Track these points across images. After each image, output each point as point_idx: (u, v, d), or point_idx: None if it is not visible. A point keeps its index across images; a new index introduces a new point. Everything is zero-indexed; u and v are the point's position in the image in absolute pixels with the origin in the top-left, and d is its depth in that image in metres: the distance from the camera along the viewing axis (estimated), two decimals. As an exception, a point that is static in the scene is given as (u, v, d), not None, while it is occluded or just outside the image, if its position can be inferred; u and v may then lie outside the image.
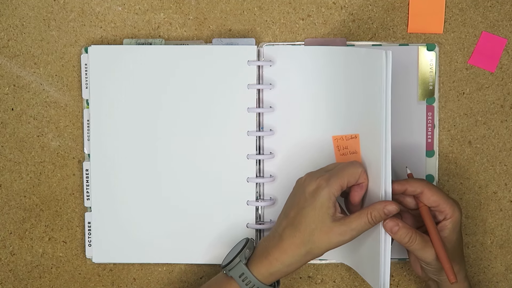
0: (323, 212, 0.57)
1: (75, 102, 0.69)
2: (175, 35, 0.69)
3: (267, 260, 0.58)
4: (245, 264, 0.59)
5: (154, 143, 0.67)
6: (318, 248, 0.57)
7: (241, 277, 0.58)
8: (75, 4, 0.69)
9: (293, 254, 0.57)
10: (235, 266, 0.59)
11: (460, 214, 0.59)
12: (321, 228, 0.56)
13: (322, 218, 0.56)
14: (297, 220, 0.58)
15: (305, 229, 0.57)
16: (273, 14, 0.69)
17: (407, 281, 0.70)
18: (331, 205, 0.57)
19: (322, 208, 0.57)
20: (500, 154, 0.69)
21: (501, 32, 0.69)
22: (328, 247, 0.57)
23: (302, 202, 0.58)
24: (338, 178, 0.57)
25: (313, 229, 0.57)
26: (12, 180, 0.69)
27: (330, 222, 0.56)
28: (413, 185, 0.59)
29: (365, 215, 0.56)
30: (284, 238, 0.58)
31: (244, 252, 0.60)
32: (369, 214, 0.56)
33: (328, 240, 0.56)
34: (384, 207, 0.56)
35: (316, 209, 0.57)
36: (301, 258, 0.58)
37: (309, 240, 0.57)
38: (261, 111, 0.67)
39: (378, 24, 0.69)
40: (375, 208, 0.56)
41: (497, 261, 0.70)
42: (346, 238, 0.57)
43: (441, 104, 0.69)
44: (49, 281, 0.70)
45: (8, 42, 0.69)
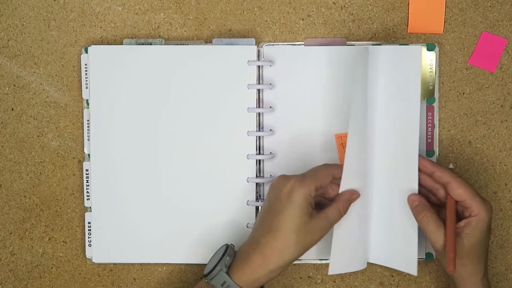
0: (301, 213, 0.57)
1: (75, 102, 0.69)
2: (175, 35, 0.69)
3: (249, 267, 0.58)
4: (226, 273, 0.58)
5: (154, 143, 0.67)
6: (303, 248, 0.58)
7: (223, 285, 0.58)
8: (75, 4, 0.69)
9: (276, 259, 0.57)
10: (216, 275, 0.58)
11: (488, 215, 0.59)
12: (304, 228, 0.57)
13: (303, 218, 0.57)
14: (275, 224, 0.57)
15: (287, 232, 0.57)
16: (273, 14, 0.69)
17: (407, 281, 0.70)
18: (307, 205, 0.57)
19: (300, 208, 0.57)
20: (500, 154, 0.69)
21: (501, 32, 0.69)
22: (312, 245, 0.58)
23: (278, 206, 0.58)
24: (313, 178, 0.58)
25: (296, 230, 0.57)
26: (12, 180, 0.69)
27: (310, 221, 0.57)
28: (442, 171, 0.60)
29: (338, 208, 0.59)
30: (265, 244, 0.57)
31: (225, 260, 0.59)
32: (341, 207, 0.59)
33: (312, 237, 0.58)
34: (351, 197, 0.61)
35: (295, 210, 0.57)
36: (284, 263, 0.57)
37: (293, 241, 0.57)
38: (261, 111, 0.67)
39: (378, 24, 0.69)
40: (344, 199, 0.60)
41: (497, 261, 0.70)
42: (326, 232, 0.59)
43: (441, 104, 0.69)
44: (49, 281, 0.70)
45: (8, 42, 0.69)
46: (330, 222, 0.59)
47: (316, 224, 0.58)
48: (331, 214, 0.59)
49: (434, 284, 0.70)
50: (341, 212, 0.60)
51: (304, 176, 0.59)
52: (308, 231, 0.57)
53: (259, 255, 0.57)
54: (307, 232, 0.57)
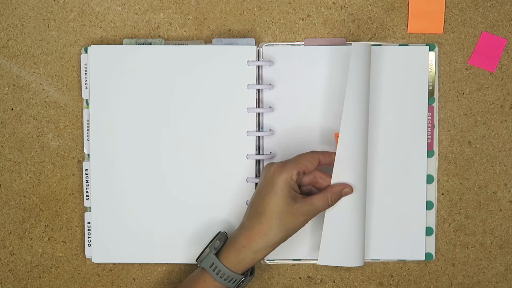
0: (284, 196, 0.59)
1: (75, 102, 0.69)
2: (175, 35, 0.69)
3: (235, 248, 0.60)
4: (214, 254, 0.61)
5: (154, 143, 0.67)
6: (286, 230, 0.60)
7: (212, 267, 0.60)
8: (75, 4, 0.69)
9: (260, 240, 0.60)
10: (205, 257, 0.61)
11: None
12: (287, 210, 0.59)
13: (286, 201, 0.59)
14: (260, 207, 0.60)
15: (270, 215, 0.59)
16: (273, 14, 0.69)
17: (406, 281, 0.70)
18: (290, 189, 0.59)
19: (282, 192, 0.59)
20: (500, 154, 0.69)
21: (501, 32, 0.69)
22: (295, 228, 0.60)
23: (262, 190, 0.61)
24: (295, 163, 0.60)
25: (279, 213, 0.59)
26: (12, 180, 0.69)
27: (293, 204, 0.59)
28: None
29: (326, 197, 0.61)
30: (250, 226, 0.60)
31: (214, 243, 0.62)
32: (330, 197, 0.61)
33: (295, 220, 0.60)
34: (343, 190, 0.62)
35: (277, 194, 0.59)
36: (268, 243, 0.60)
37: (276, 224, 0.59)
38: (261, 111, 0.67)
39: (378, 24, 0.69)
40: (335, 191, 0.61)
41: (496, 261, 0.70)
42: (309, 217, 0.61)
43: (441, 104, 0.69)
44: (49, 281, 0.70)
45: (8, 42, 0.69)
46: (314, 208, 0.60)
47: (299, 208, 0.59)
48: (316, 201, 0.60)
49: (434, 284, 0.70)
50: (329, 202, 0.61)
51: (286, 161, 0.61)
52: (291, 214, 0.59)
53: (244, 237, 0.60)
54: (290, 215, 0.59)
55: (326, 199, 0.61)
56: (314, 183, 0.63)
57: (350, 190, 0.62)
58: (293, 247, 0.68)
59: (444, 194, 0.69)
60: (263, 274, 0.70)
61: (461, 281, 0.70)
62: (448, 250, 0.70)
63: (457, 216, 0.69)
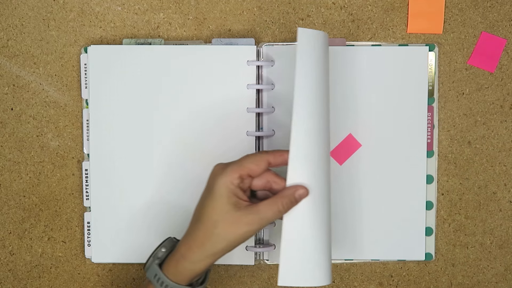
0: (224, 202, 0.52)
1: (75, 102, 0.69)
2: (174, 35, 0.69)
3: (174, 258, 0.55)
4: (157, 265, 0.55)
5: (154, 143, 0.67)
6: (225, 240, 0.52)
7: (155, 277, 0.55)
8: (74, 4, 0.69)
9: (198, 250, 0.53)
10: (149, 267, 0.56)
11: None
12: (225, 219, 0.52)
13: (225, 208, 0.52)
14: (200, 212, 0.54)
15: (207, 222, 0.53)
16: (273, 14, 0.69)
17: (406, 281, 0.70)
18: (230, 194, 0.53)
19: (221, 197, 0.53)
20: (500, 155, 0.69)
21: (500, 33, 0.69)
22: (237, 239, 0.53)
23: (203, 194, 0.55)
24: (237, 165, 0.54)
25: (216, 220, 0.52)
26: (12, 180, 0.69)
27: (234, 212, 0.52)
28: None
29: (275, 204, 0.53)
30: (189, 234, 0.54)
31: (158, 252, 0.56)
32: (280, 203, 0.53)
33: (235, 231, 0.52)
34: (295, 192, 0.54)
35: (216, 199, 0.53)
36: (206, 254, 0.53)
37: (213, 233, 0.52)
38: (261, 111, 0.67)
39: (377, 24, 0.69)
40: (286, 195, 0.53)
41: (496, 261, 0.70)
42: (255, 228, 0.53)
43: (441, 104, 0.69)
44: (49, 281, 0.70)
45: (7, 42, 0.69)
46: (261, 217, 0.52)
47: (242, 217, 0.52)
48: (264, 208, 0.53)
49: (433, 284, 0.70)
50: (279, 208, 0.53)
51: (230, 162, 0.55)
52: (231, 223, 0.52)
53: (183, 245, 0.54)
54: (230, 224, 0.52)
55: (275, 205, 0.53)
56: (268, 188, 0.56)
57: (305, 192, 0.54)
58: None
59: (444, 194, 0.69)
60: (263, 274, 0.70)
61: (461, 281, 0.70)
62: (448, 250, 0.70)
63: (457, 216, 0.69)
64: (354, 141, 0.68)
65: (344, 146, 0.68)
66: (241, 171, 0.54)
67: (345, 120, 0.68)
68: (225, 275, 0.70)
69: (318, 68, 0.56)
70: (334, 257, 0.68)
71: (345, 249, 0.68)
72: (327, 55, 0.58)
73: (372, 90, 0.67)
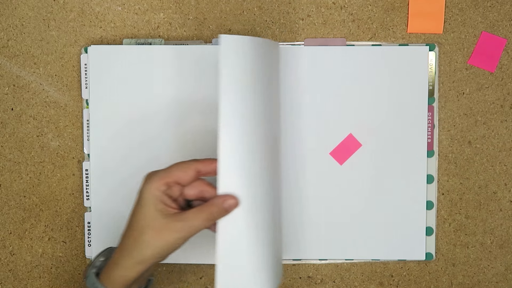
0: (150, 209, 0.52)
1: (75, 102, 0.69)
2: (175, 35, 0.69)
3: (109, 266, 0.54)
4: (95, 273, 0.55)
5: (153, 143, 0.67)
6: (152, 247, 0.52)
7: (93, 286, 0.54)
8: (74, 4, 0.69)
9: (128, 257, 0.53)
10: (88, 276, 0.55)
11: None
12: (152, 225, 0.52)
13: (152, 215, 0.52)
14: (130, 219, 0.54)
15: (135, 228, 0.53)
16: (273, 14, 0.69)
17: (406, 281, 0.70)
18: (157, 201, 0.52)
19: (148, 204, 0.52)
20: (500, 154, 0.69)
21: (501, 32, 0.69)
22: (165, 246, 0.52)
23: (134, 201, 0.55)
24: (165, 172, 0.53)
25: (143, 227, 0.52)
26: (12, 180, 0.69)
27: (162, 219, 0.52)
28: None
29: (202, 212, 0.53)
30: (121, 242, 0.54)
31: (96, 261, 0.56)
32: (208, 211, 0.53)
33: (164, 238, 0.52)
34: (224, 202, 0.53)
35: (143, 206, 0.53)
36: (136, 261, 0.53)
37: (141, 240, 0.52)
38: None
39: (377, 24, 0.69)
40: (214, 204, 0.53)
41: (497, 261, 0.70)
42: (183, 235, 0.52)
43: (441, 104, 0.69)
44: (49, 281, 0.70)
45: (8, 42, 0.69)
46: (189, 225, 0.52)
47: (169, 224, 0.52)
48: (191, 216, 0.52)
49: (434, 284, 0.70)
50: (208, 216, 0.52)
51: (158, 170, 0.54)
52: (158, 231, 0.52)
53: (116, 252, 0.54)
54: (157, 230, 0.52)
55: (203, 214, 0.52)
56: (201, 197, 0.55)
57: (235, 202, 0.53)
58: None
59: (444, 194, 0.69)
60: (263, 274, 0.70)
61: (461, 281, 0.70)
62: (448, 250, 0.70)
63: (457, 216, 0.69)
64: (354, 141, 0.68)
65: (344, 146, 0.68)
66: (167, 178, 0.53)
67: (345, 120, 0.68)
68: (225, 275, 0.70)
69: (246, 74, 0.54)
70: (335, 257, 0.68)
71: (345, 249, 0.68)
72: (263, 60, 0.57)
73: (372, 90, 0.67)
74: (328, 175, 0.68)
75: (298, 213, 0.68)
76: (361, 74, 0.67)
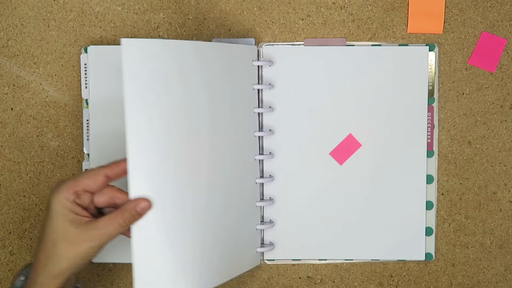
0: (60, 220, 0.51)
1: (75, 102, 0.69)
2: (174, 35, 0.69)
3: (28, 285, 0.53)
4: None
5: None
6: (67, 259, 0.51)
7: None
8: (74, 4, 0.69)
9: (42, 272, 0.52)
10: None
11: None
12: (64, 238, 0.51)
13: (63, 227, 0.51)
14: (41, 233, 0.53)
15: (47, 242, 0.52)
16: (273, 14, 0.69)
17: (406, 281, 0.70)
18: (66, 211, 0.51)
19: (58, 216, 0.51)
20: (500, 155, 0.69)
21: (500, 32, 0.69)
22: (80, 256, 0.51)
23: (44, 215, 0.54)
24: (73, 181, 0.53)
25: (55, 240, 0.51)
26: (12, 180, 0.69)
27: (74, 229, 0.51)
28: None
29: (116, 218, 0.52)
30: (37, 256, 0.53)
31: (17, 281, 0.55)
32: (120, 217, 0.52)
33: (78, 249, 0.51)
34: (136, 206, 0.53)
35: (52, 218, 0.51)
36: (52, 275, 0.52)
37: (54, 253, 0.51)
38: (261, 111, 0.67)
39: (377, 24, 0.69)
40: (126, 209, 0.52)
41: (496, 261, 0.70)
42: (97, 243, 0.51)
43: (441, 104, 0.69)
44: (49, 281, 0.70)
45: (7, 42, 0.69)
46: (102, 232, 0.51)
47: (82, 234, 0.51)
48: (104, 223, 0.52)
49: (433, 284, 0.70)
50: (121, 223, 0.52)
51: (66, 179, 0.54)
52: (71, 242, 0.51)
53: (33, 269, 0.53)
54: (70, 242, 0.51)
55: (115, 220, 0.51)
56: (112, 204, 0.54)
57: (148, 205, 0.53)
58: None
59: (444, 194, 0.69)
60: (263, 274, 0.70)
61: (461, 281, 0.70)
62: (448, 250, 0.70)
63: (457, 216, 0.69)
64: (354, 141, 0.68)
65: (344, 146, 0.68)
66: (75, 187, 0.52)
67: (345, 120, 0.68)
68: (225, 275, 0.70)
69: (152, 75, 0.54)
70: (334, 257, 0.68)
71: (345, 249, 0.68)
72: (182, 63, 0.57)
73: (372, 90, 0.67)
74: (328, 175, 0.68)
75: (298, 213, 0.68)
76: (361, 74, 0.67)
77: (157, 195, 0.54)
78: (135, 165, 0.53)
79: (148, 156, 0.54)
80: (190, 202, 0.57)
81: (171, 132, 0.56)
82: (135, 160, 0.53)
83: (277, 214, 0.68)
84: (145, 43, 0.54)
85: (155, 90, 0.55)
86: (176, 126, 0.56)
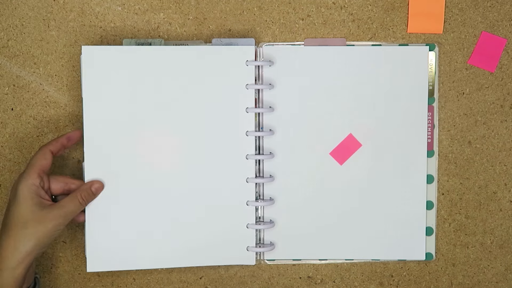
0: (28, 204, 0.58)
1: (75, 102, 0.69)
2: (174, 35, 0.69)
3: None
4: None
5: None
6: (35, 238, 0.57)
7: None
8: (74, 4, 0.69)
9: (12, 255, 0.57)
10: None
11: None
12: (32, 218, 0.58)
13: (31, 209, 0.58)
14: (7, 220, 0.58)
15: (16, 226, 0.57)
16: (273, 14, 0.69)
17: (407, 281, 0.70)
18: (33, 195, 0.59)
19: (26, 200, 0.58)
20: (500, 154, 0.69)
21: (500, 32, 0.69)
22: (46, 235, 0.58)
23: (9, 201, 0.60)
24: (31, 166, 0.60)
25: (25, 222, 0.58)
26: (12, 180, 0.69)
27: (40, 211, 0.58)
28: None
29: (76, 197, 0.61)
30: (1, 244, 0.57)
31: None
32: (79, 196, 0.61)
33: (45, 228, 0.58)
34: (91, 186, 0.63)
35: (20, 203, 0.58)
36: (22, 255, 0.57)
37: (24, 233, 0.57)
38: (261, 111, 0.67)
39: (377, 24, 0.69)
40: (83, 189, 0.62)
41: (497, 261, 0.70)
42: (61, 221, 0.59)
43: (441, 104, 0.69)
44: (49, 281, 0.70)
45: (8, 42, 0.69)
46: (65, 211, 0.59)
47: (47, 214, 0.58)
48: (66, 203, 0.60)
49: (434, 284, 0.70)
50: (80, 201, 0.61)
51: (25, 168, 0.61)
52: (38, 222, 0.58)
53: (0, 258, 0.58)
54: (37, 222, 0.58)
55: (75, 199, 0.61)
56: (67, 191, 0.63)
57: (101, 186, 0.64)
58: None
59: (444, 194, 0.69)
60: (263, 274, 0.70)
61: (461, 281, 0.70)
62: (448, 250, 0.70)
63: (457, 216, 0.69)
64: (354, 141, 0.68)
65: (344, 146, 0.68)
66: (37, 170, 0.60)
67: (345, 120, 0.68)
68: (225, 275, 0.70)
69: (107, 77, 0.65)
70: (335, 257, 0.68)
71: (345, 249, 0.68)
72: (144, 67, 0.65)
73: (372, 90, 0.68)
74: (328, 175, 0.68)
75: (298, 213, 0.68)
76: (361, 74, 0.67)
77: (108, 179, 0.65)
78: (90, 154, 0.64)
79: (101, 147, 0.65)
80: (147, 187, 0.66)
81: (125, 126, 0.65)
82: (89, 150, 0.64)
83: (277, 214, 0.68)
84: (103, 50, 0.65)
85: (109, 91, 0.65)
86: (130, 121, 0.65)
